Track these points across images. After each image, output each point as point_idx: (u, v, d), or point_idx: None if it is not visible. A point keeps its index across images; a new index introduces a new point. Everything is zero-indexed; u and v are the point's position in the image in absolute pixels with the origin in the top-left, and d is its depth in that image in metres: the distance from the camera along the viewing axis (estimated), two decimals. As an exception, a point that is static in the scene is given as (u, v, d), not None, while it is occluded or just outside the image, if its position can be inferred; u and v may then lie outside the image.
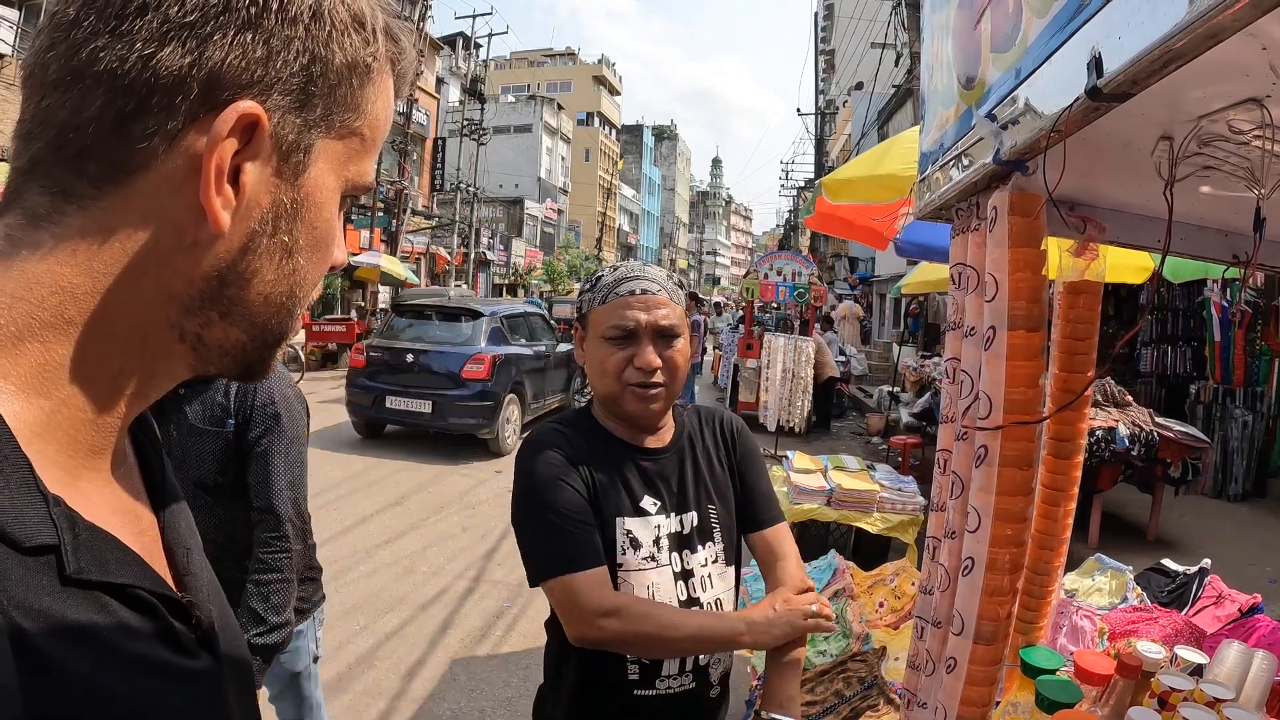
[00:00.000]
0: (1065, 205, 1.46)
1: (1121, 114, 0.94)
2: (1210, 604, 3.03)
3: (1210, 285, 8.56)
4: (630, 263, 1.72)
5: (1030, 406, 1.24)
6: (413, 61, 0.68)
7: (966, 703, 1.38)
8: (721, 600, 1.70)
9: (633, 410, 1.66)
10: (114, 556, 0.53)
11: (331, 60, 0.58)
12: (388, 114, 0.66)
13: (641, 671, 1.61)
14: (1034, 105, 1.03)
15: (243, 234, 0.57)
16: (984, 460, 1.29)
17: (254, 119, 0.54)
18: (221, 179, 0.53)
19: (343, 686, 4.39)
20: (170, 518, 0.67)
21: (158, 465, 0.69)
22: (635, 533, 1.62)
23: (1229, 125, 0.97)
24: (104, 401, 0.56)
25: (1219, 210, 1.48)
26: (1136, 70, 0.77)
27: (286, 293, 0.61)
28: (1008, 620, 1.36)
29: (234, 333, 0.60)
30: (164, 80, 0.51)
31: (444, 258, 32.74)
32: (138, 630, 0.53)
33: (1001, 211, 1.22)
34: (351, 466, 9.26)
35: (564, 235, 55.34)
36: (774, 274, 13.31)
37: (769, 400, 11.58)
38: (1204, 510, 7.62)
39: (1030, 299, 1.22)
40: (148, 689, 0.52)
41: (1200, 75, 0.80)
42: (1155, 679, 1.49)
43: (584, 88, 68.91)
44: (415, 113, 27.41)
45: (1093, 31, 0.85)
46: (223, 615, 0.67)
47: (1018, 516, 1.27)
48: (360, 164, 0.64)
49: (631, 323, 1.62)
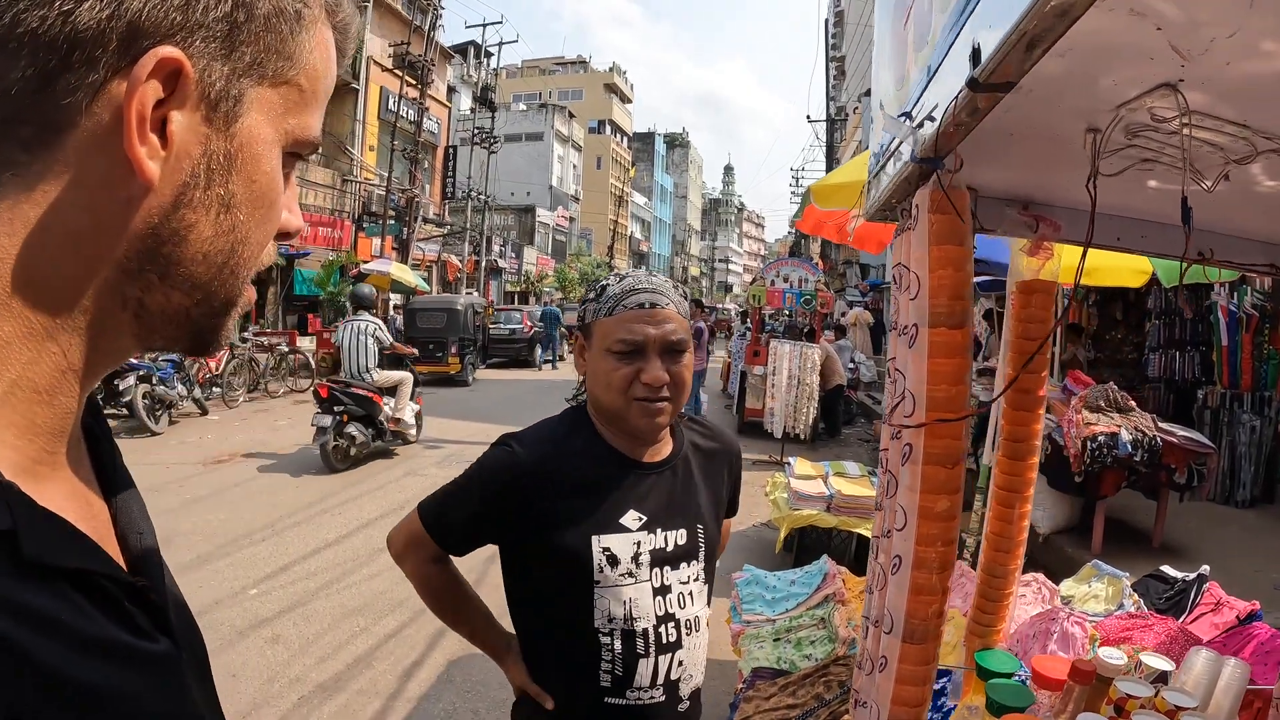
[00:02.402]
0: (1018, 204, 1.44)
1: (1042, 106, 0.93)
2: (1208, 611, 2.99)
3: (1217, 289, 8.46)
4: (637, 273, 1.69)
5: (955, 404, 1.22)
6: (353, 14, 0.67)
7: (898, 702, 1.36)
8: (699, 618, 1.70)
9: (636, 425, 1.64)
10: (69, 541, 0.52)
11: (255, 6, 0.57)
12: (327, 66, 0.65)
13: (613, 681, 1.61)
14: (938, 102, 1.01)
15: (174, 186, 0.56)
16: (909, 458, 1.28)
17: (176, 65, 0.53)
18: (144, 127, 0.52)
19: (339, 686, 4.43)
20: (122, 502, 0.66)
21: (108, 450, 0.68)
22: (613, 549, 1.61)
23: (1151, 114, 0.95)
24: (55, 381, 0.55)
25: (1176, 206, 1.46)
26: (1005, 57, 0.76)
27: (227, 250, 0.60)
28: (937, 619, 1.34)
29: (176, 297, 0.59)
30: (83, 34, 0.50)
31: (455, 265, 32.86)
32: (95, 615, 0.52)
33: (922, 209, 1.21)
34: (354, 474, 9.33)
35: (576, 243, 55.42)
36: (781, 281, 13.30)
37: (775, 407, 11.55)
38: (1211, 516, 7.51)
39: (952, 296, 1.20)
40: (108, 672, 0.51)
41: (1101, 61, 0.79)
42: (1113, 685, 1.46)
43: (595, 95, 69.13)
44: (427, 121, 27.51)
45: (974, 23, 0.84)
46: (176, 599, 0.67)
47: (944, 515, 1.26)
48: (301, 116, 0.63)
49: (641, 337, 1.59)
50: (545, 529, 1.62)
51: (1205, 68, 0.83)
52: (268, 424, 12.57)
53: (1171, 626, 2.58)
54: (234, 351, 14.35)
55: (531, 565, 1.68)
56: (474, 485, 1.70)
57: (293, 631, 5.09)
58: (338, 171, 25.42)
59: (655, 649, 1.62)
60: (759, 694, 2.93)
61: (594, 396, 1.70)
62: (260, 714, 4.12)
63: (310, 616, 5.33)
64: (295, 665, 4.64)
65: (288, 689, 4.37)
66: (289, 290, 22.10)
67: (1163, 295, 9.57)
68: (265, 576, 5.97)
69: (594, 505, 1.63)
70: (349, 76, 25.93)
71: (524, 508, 1.63)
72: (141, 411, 10.86)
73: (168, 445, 10.57)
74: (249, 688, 4.36)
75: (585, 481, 1.64)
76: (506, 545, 1.71)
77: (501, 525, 1.68)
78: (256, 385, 15.15)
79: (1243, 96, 0.93)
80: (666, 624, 1.63)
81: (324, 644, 4.93)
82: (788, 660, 3.22)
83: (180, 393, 12.06)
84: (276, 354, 15.79)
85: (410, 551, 1.78)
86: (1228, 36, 0.75)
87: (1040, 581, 3.20)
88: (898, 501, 1.33)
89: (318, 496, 8.21)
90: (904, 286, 1.32)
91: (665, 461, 1.72)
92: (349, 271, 22.23)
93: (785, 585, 3.83)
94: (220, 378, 13.76)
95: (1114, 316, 11.14)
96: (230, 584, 5.78)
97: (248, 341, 15.40)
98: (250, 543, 6.68)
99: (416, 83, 25.89)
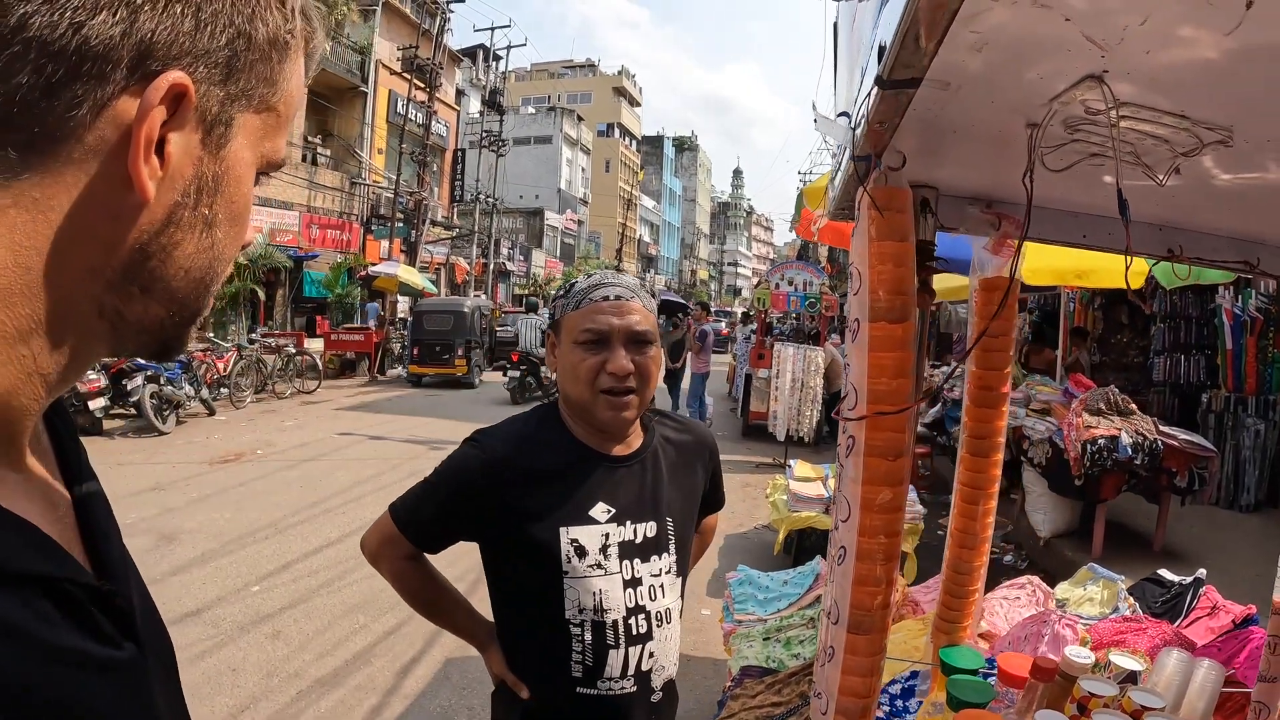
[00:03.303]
0: (981, 202, 1.44)
1: (977, 103, 0.94)
2: (1204, 615, 2.97)
3: (1221, 292, 8.41)
4: (604, 272, 1.74)
5: (896, 397, 1.23)
6: (322, 42, 0.69)
7: (845, 692, 1.37)
8: (670, 610, 1.72)
9: (604, 418, 1.66)
10: (33, 546, 0.52)
11: (255, 35, 0.58)
12: (300, 92, 0.67)
13: (584, 671, 1.64)
14: (865, 101, 1.02)
15: (166, 206, 0.57)
16: (852, 450, 1.28)
17: (183, 89, 0.54)
18: (150, 148, 0.53)
19: (337, 681, 4.47)
20: (87, 504, 0.66)
21: (73, 450, 0.68)
22: (581, 540, 1.64)
23: (1085, 106, 0.96)
24: (23, 385, 0.54)
25: (1142, 203, 1.46)
26: (898, 53, 0.76)
27: (205, 267, 0.62)
28: (883, 610, 1.35)
29: (154, 308, 0.60)
30: (95, 48, 0.50)
31: (463, 268, 32.97)
32: (59, 622, 0.51)
33: (864, 206, 1.21)
34: (362, 472, 9.41)
35: (584, 246, 55.50)
36: (785, 284, 13.29)
37: (778, 409, 11.55)
38: (1214, 521, 7.46)
39: (892, 290, 1.21)
40: (72, 681, 0.51)
41: (1022, 55, 0.80)
42: (1077, 684, 1.46)
43: (604, 99, 69.18)
44: (435, 124, 27.64)
45: (882, 23, 0.85)
46: (144, 602, 0.66)
47: (887, 507, 1.27)
48: (274, 140, 0.65)
49: (604, 327, 1.63)
50: (515, 522, 1.65)
51: (1126, 58, 0.84)
52: (274, 425, 12.65)
53: (1166, 630, 2.57)
54: (242, 353, 14.44)
55: (504, 558, 1.72)
56: (442, 482, 1.74)
57: (293, 628, 5.13)
58: (346, 174, 25.58)
59: (625, 640, 1.64)
60: (746, 691, 2.94)
61: (563, 390, 1.73)
62: (259, 707, 4.16)
63: (311, 613, 5.38)
64: (295, 660, 4.69)
65: (287, 683, 4.42)
66: (298, 292, 22.22)
67: (1167, 298, 9.52)
68: (268, 574, 6.02)
69: (562, 498, 1.65)
70: (358, 80, 26.07)
71: (491, 502, 1.66)
72: (149, 411, 10.96)
73: (175, 445, 10.65)
74: (249, 682, 4.41)
75: (553, 475, 1.67)
76: (481, 540, 1.75)
77: (471, 520, 1.71)
78: (264, 386, 15.23)
79: (1173, 86, 0.94)
80: (637, 616, 1.66)
81: (324, 640, 4.97)
82: (776, 659, 3.22)
83: (188, 393, 12.14)
84: (284, 355, 15.87)
85: (385, 551, 1.81)
86: (1140, 24, 0.76)
87: (1035, 584, 3.19)
88: (841, 493, 1.34)
89: (320, 496, 8.26)
90: (850, 282, 1.33)
91: (635, 455, 1.75)
92: (357, 274, 22.34)
93: (778, 585, 3.84)
94: (228, 379, 13.83)
95: (1119, 320, 11.09)
96: (233, 581, 5.83)
97: (255, 343, 15.48)
98: (254, 541, 6.74)
99: (425, 86, 25.99)
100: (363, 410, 14.76)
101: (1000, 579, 3.29)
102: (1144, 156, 1.11)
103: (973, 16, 0.73)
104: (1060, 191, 1.45)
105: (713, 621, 4.97)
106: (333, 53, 24.65)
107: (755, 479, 9.79)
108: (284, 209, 21.91)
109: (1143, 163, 1.11)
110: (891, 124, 0.97)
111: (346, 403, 15.48)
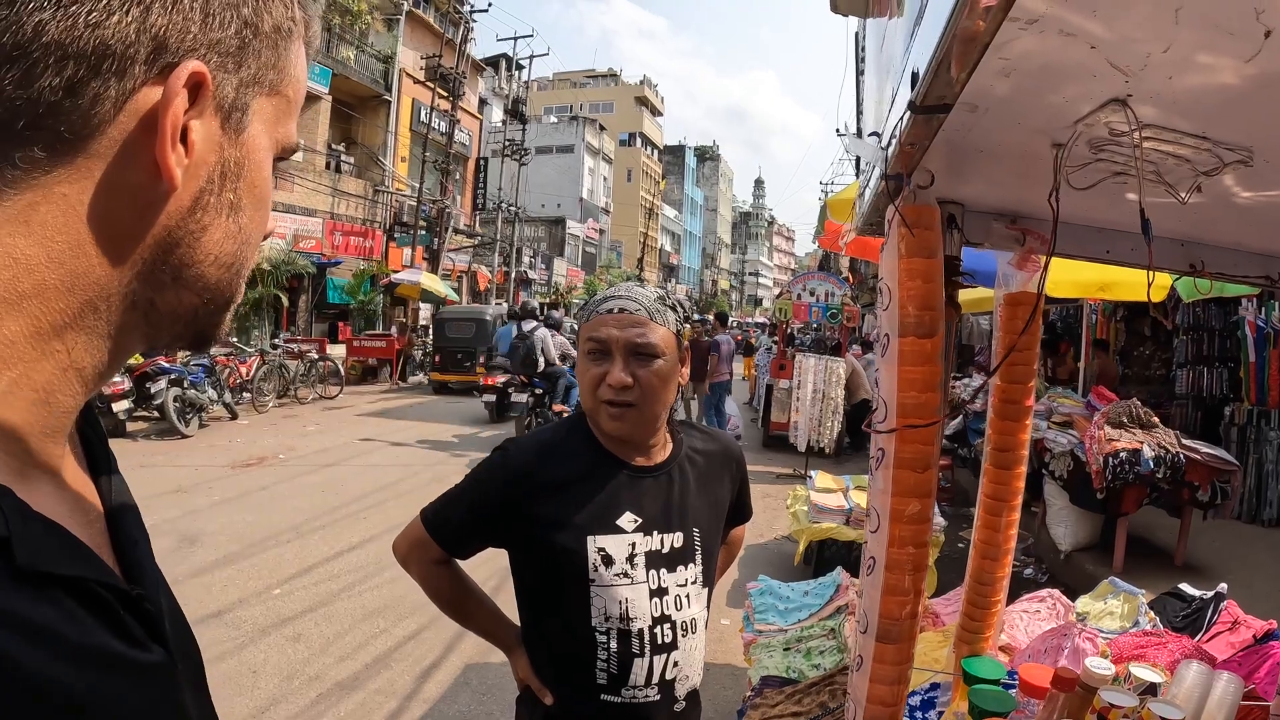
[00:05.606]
0: (1006, 218, 1.47)
1: (1004, 125, 0.96)
2: (1225, 630, 2.95)
3: (1245, 304, 8.33)
4: (625, 284, 1.75)
5: (925, 411, 1.25)
6: (318, 31, 0.72)
7: (874, 701, 1.39)
8: (695, 620, 1.74)
9: (605, 427, 1.70)
10: (64, 548, 0.52)
11: (261, 23, 0.61)
12: (304, 77, 0.70)
13: (609, 679, 1.66)
14: (896, 123, 1.05)
15: (193, 192, 0.59)
16: (881, 463, 1.31)
17: (201, 78, 0.56)
18: (176, 136, 0.55)
19: (357, 685, 4.51)
20: (117, 509, 0.66)
21: (103, 455, 0.68)
22: (608, 549, 1.66)
23: (1109, 128, 0.98)
24: (58, 381, 0.55)
25: (1165, 219, 1.48)
26: (932, 82, 0.79)
27: (234, 252, 0.63)
28: (910, 620, 1.36)
29: (187, 296, 0.62)
30: (113, 46, 0.52)
31: (485, 276, 33.10)
32: (89, 623, 0.51)
33: (894, 223, 1.23)
34: (383, 478, 9.47)
35: (606, 255, 55.61)
36: (807, 295, 13.28)
37: (799, 420, 11.53)
38: (1237, 535, 7.38)
39: (921, 306, 1.23)
40: (103, 683, 0.50)
41: (1048, 80, 0.83)
42: (1097, 695, 1.47)
43: (626, 108, 69.38)
44: (458, 133, 27.79)
45: (914, 50, 0.88)
46: (171, 608, 0.66)
47: (915, 518, 1.29)
48: (286, 125, 0.67)
49: (605, 338, 1.65)
50: (541, 530, 1.68)
51: (1150, 82, 0.86)
52: (296, 429, 12.77)
53: (1186, 645, 2.56)
54: (264, 358, 14.59)
55: (531, 565, 1.74)
56: (469, 490, 1.79)
57: (314, 631, 5.18)
58: (370, 182, 25.75)
59: (650, 649, 1.66)
60: (766, 701, 2.95)
61: (580, 399, 1.78)
62: (279, 709, 4.21)
63: (331, 617, 5.42)
64: (315, 663, 4.73)
65: (307, 686, 4.46)
66: (321, 298, 22.38)
67: (1190, 311, 9.44)
68: (289, 577, 6.08)
69: (590, 507, 1.68)
70: (381, 88, 26.27)
71: (518, 509, 1.69)
72: (172, 414, 11.10)
73: (198, 448, 10.77)
74: (269, 684, 4.46)
75: (581, 484, 1.70)
76: (509, 546, 1.78)
77: (497, 527, 1.75)
78: (286, 391, 15.38)
79: (1194, 109, 0.96)
80: (662, 625, 1.68)
81: (344, 644, 5.02)
82: (796, 669, 3.23)
83: (211, 396, 12.29)
84: (306, 361, 16.01)
85: (415, 555, 1.87)
86: (1162, 52, 0.78)
87: (1055, 598, 3.18)
88: (871, 504, 1.36)
89: (342, 501, 8.33)
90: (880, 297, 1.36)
91: (662, 465, 1.77)
92: (380, 281, 22.48)
93: (799, 596, 3.85)
94: (250, 383, 13.99)
95: (1141, 333, 11.01)
96: (255, 583, 5.89)
97: (278, 348, 15.63)
98: (275, 544, 6.80)
99: (448, 95, 26.21)
100: (384, 416, 14.86)
101: (1021, 592, 3.29)
102: (1166, 175, 1.13)
103: (1002, 44, 0.75)
104: (1083, 208, 1.47)
105: (733, 631, 4.97)
106: (357, 61, 24.88)
107: (776, 489, 9.77)
108: (308, 215, 22.08)
109: (1165, 181, 1.13)
110: (922, 145, 1.00)
111: (368, 409, 15.59)
